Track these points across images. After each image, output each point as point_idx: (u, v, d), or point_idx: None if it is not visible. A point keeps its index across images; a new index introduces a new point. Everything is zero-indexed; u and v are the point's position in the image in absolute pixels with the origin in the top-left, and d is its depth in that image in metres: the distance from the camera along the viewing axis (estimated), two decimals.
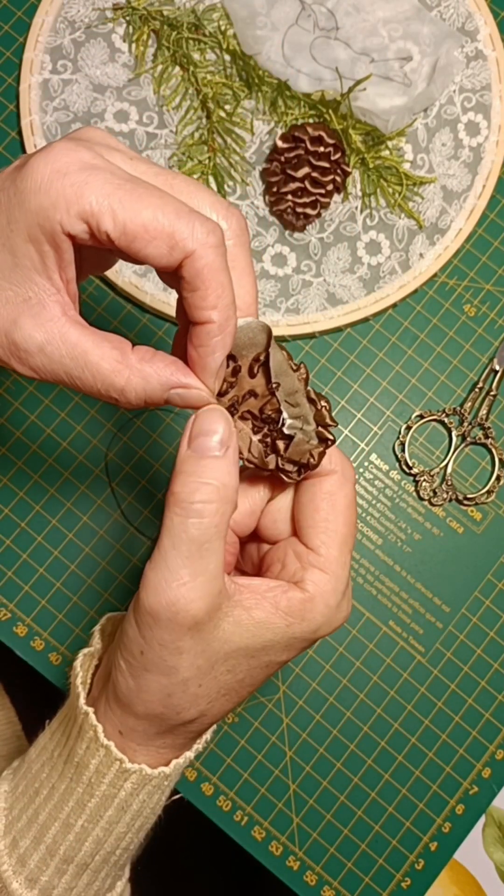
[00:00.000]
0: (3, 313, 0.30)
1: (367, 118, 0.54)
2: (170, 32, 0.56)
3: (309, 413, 0.33)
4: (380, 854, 0.51)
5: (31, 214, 0.29)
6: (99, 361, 0.30)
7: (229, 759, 0.52)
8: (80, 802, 0.34)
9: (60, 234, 0.29)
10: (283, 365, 0.32)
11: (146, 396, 0.31)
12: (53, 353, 0.30)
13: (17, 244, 0.30)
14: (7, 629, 0.52)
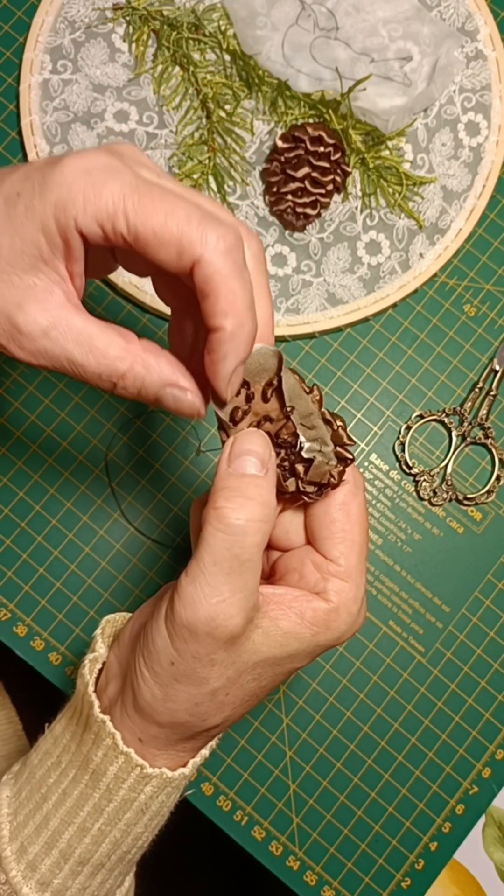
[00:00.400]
0: (7, 296, 0.31)
1: (367, 118, 0.54)
2: (170, 32, 0.56)
3: (326, 434, 0.33)
4: (380, 854, 0.51)
5: (49, 206, 0.29)
6: (105, 346, 0.31)
7: (229, 759, 0.52)
8: (97, 807, 0.34)
9: (73, 230, 0.30)
10: (296, 388, 0.32)
11: (142, 387, 0.31)
12: (58, 338, 0.31)
13: (29, 232, 0.30)
14: (7, 629, 0.52)
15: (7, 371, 0.55)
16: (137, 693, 0.33)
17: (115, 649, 0.36)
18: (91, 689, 0.35)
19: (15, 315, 0.30)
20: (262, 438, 0.32)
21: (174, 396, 0.32)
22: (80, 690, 0.35)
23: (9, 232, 0.30)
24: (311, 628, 0.32)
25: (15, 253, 0.30)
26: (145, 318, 0.56)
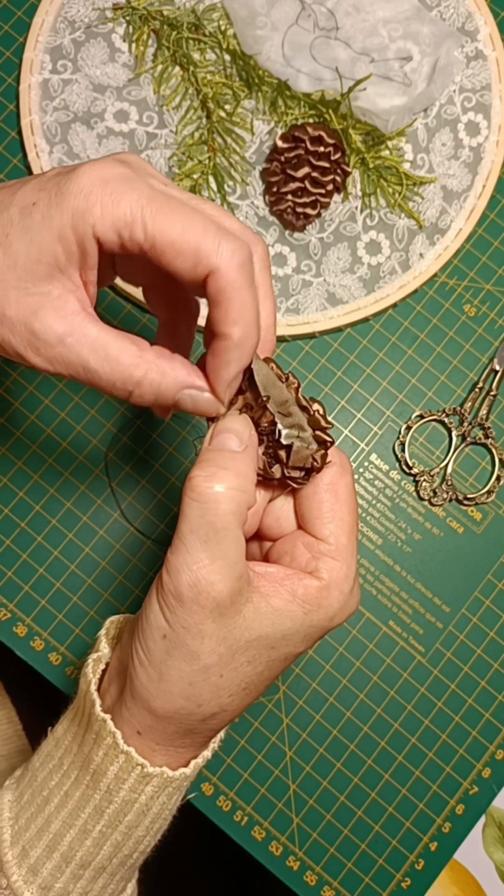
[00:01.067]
0: (24, 304, 0.31)
1: (367, 118, 0.54)
2: (170, 32, 0.56)
3: (303, 419, 0.33)
4: (380, 854, 0.51)
5: (67, 215, 0.30)
6: (119, 354, 0.31)
7: (229, 759, 0.52)
8: (97, 809, 0.34)
9: (90, 238, 0.30)
10: (269, 377, 0.33)
11: (159, 392, 0.32)
12: (74, 345, 0.31)
13: (46, 240, 0.31)
14: (7, 629, 0.52)
15: (7, 371, 0.55)
16: (133, 677, 0.33)
17: (118, 649, 0.36)
18: (93, 687, 0.35)
19: (32, 322, 0.31)
20: (243, 419, 0.33)
21: (192, 397, 0.33)
22: (82, 690, 0.35)
23: (25, 241, 0.31)
24: (303, 606, 0.32)
25: (31, 261, 0.31)
26: (145, 318, 0.56)
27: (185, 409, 0.33)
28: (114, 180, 0.30)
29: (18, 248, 0.31)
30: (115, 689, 0.35)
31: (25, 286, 0.31)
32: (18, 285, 0.31)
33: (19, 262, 0.31)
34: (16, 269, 0.31)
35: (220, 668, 0.32)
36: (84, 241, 0.30)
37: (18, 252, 0.31)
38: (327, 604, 0.33)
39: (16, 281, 0.31)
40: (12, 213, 0.31)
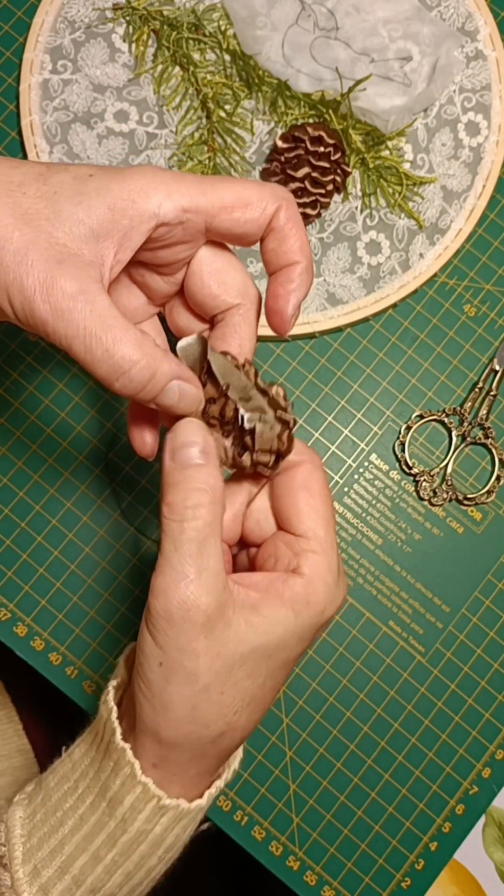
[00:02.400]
0: (52, 251, 0.31)
1: (367, 118, 0.54)
2: (170, 32, 0.56)
3: (263, 402, 0.34)
4: (380, 854, 0.51)
5: (127, 190, 0.32)
6: (124, 332, 0.31)
7: None
8: (111, 837, 0.34)
9: (148, 216, 0.32)
10: (226, 366, 0.34)
11: (153, 377, 0.32)
12: (84, 306, 0.31)
13: (97, 206, 0.31)
14: (7, 629, 0.52)
15: (7, 371, 0.55)
16: (141, 712, 0.33)
17: (130, 679, 0.36)
18: (114, 715, 0.35)
19: (54, 268, 0.31)
20: (200, 427, 0.34)
21: (180, 388, 0.33)
22: (102, 716, 0.35)
23: (74, 201, 0.31)
24: (292, 607, 0.32)
25: (74, 221, 0.31)
26: None
27: (168, 400, 0.33)
28: (168, 171, 0.33)
29: (64, 205, 0.31)
30: (129, 720, 0.35)
31: (58, 239, 0.31)
32: (51, 237, 0.31)
33: (61, 217, 0.31)
34: (55, 222, 0.31)
35: (221, 686, 0.32)
36: (140, 216, 0.32)
37: (63, 209, 0.31)
38: (315, 599, 0.33)
39: (50, 231, 0.31)
40: (64, 177, 0.32)
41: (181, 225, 0.33)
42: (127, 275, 0.37)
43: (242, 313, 0.36)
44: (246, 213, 0.34)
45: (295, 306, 0.35)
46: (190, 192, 0.33)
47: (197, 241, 0.35)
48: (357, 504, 0.54)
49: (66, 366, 0.55)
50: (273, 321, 0.35)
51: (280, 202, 0.34)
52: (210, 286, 0.36)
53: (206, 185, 0.33)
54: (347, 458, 0.55)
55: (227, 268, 0.36)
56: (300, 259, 0.34)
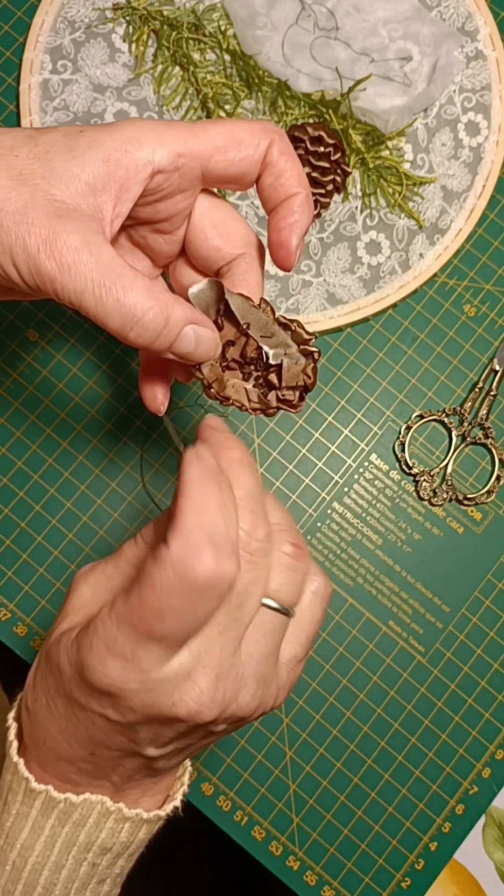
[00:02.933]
0: (51, 208, 0.30)
1: (367, 118, 0.54)
2: (170, 32, 0.56)
3: (286, 337, 0.34)
4: (380, 854, 0.51)
5: (121, 139, 0.31)
6: (133, 280, 0.31)
7: (229, 759, 0.52)
8: (0, 822, 0.34)
9: (142, 165, 0.31)
10: (244, 305, 0.34)
11: (168, 324, 0.31)
12: (89, 259, 0.30)
13: (91, 160, 0.31)
14: (7, 629, 0.52)
15: (7, 371, 0.55)
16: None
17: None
18: (11, 725, 0.35)
19: (56, 223, 0.30)
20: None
21: (196, 333, 0.33)
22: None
23: (67, 157, 0.31)
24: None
25: (70, 176, 0.31)
26: None
27: (183, 348, 0.33)
28: (157, 121, 0.33)
29: (58, 163, 0.31)
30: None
31: (56, 196, 0.31)
32: (49, 194, 0.31)
33: (56, 174, 0.31)
34: (51, 180, 0.31)
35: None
36: (136, 166, 0.31)
37: (57, 166, 0.31)
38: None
39: (47, 188, 0.31)
40: (55, 136, 0.32)
41: (177, 171, 0.33)
42: (129, 238, 0.37)
43: (248, 261, 0.36)
44: (240, 151, 0.33)
45: (299, 237, 0.34)
46: (182, 135, 0.32)
47: (194, 190, 0.35)
48: (357, 504, 0.54)
49: (67, 366, 0.55)
50: (278, 255, 0.35)
51: (271, 136, 0.34)
52: (213, 239, 0.36)
53: (197, 128, 0.33)
54: (347, 458, 0.55)
55: (227, 219, 0.36)
56: (299, 189, 0.34)
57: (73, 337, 0.55)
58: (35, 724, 0.33)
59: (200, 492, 0.28)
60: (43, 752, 0.33)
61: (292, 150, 0.34)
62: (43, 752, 0.33)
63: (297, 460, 0.55)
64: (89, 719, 0.31)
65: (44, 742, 0.33)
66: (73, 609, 0.33)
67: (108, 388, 0.55)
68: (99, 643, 0.29)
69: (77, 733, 0.31)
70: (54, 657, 0.31)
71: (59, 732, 0.32)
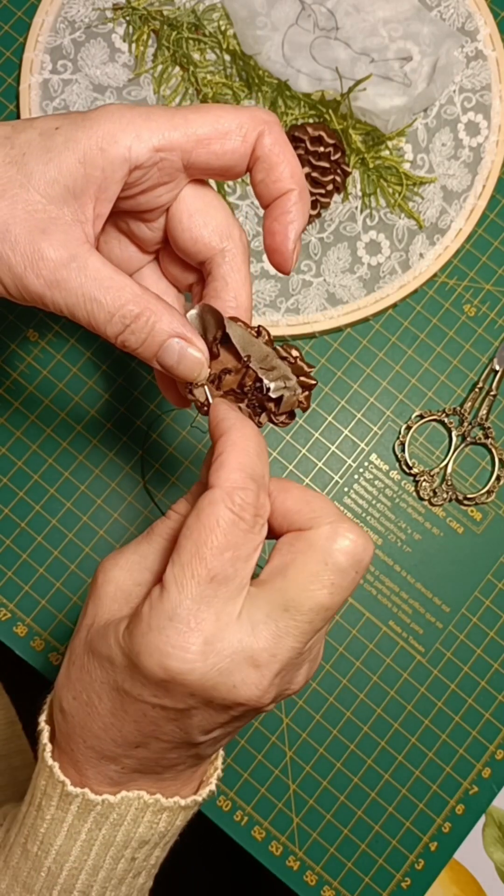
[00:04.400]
0: (33, 222, 0.30)
1: (367, 118, 0.54)
2: (170, 32, 0.56)
3: (287, 369, 0.33)
4: (380, 854, 0.51)
5: (96, 137, 0.30)
6: (122, 287, 0.30)
7: (229, 759, 0.52)
8: (34, 827, 0.33)
9: (120, 161, 0.30)
10: (245, 336, 0.33)
11: (151, 334, 0.31)
12: (78, 271, 0.30)
13: (68, 162, 0.30)
14: (7, 629, 0.52)
15: (7, 371, 0.55)
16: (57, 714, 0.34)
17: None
18: (43, 717, 0.35)
19: (39, 241, 0.30)
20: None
21: (180, 348, 0.31)
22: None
23: (44, 160, 0.30)
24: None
25: (47, 181, 0.30)
26: None
27: (167, 360, 0.32)
28: (135, 109, 0.31)
29: (35, 167, 0.30)
30: None
31: (36, 205, 0.30)
32: (29, 204, 0.30)
33: (34, 180, 0.30)
34: (28, 187, 0.30)
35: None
36: (112, 165, 0.30)
37: (34, 171, 0.30)
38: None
39: (26, 198, 0.30)
40: (31, 135, 0.31)
41: (156, 165, 0.31)
42: (114, 226, 0.36)
43: (229, 260, 0.33)
44: (224, 143, 0.31)
45: (295, 240, 0.32)
46: (161, 128, 0.31)
47: (177, 182, 0.33)
48: (357, 504, 0.54)
49: (67, 365, 0.55)
50: (273, 260, 0.33)
51: (261, 126, 0.31)
52: (190, 229, 0.33)
53: (178, 118, 0.31)
54: (347, 458, 0.55)
55: (207, 208, 0.34)
56: (292, 186, 0.32)
57: (73, 337, 0.55)
58: (72, 724, 0.32)
59: (241, 434, 0.30)
60: (82, 752, 0.32)
61: (285, 140, 0.32)
62: (82, 753, 0.32)
63: (297, 460, 0.55)
64: (140, 711, 0.30)
65: (84, 741, 0.32)
66: (109, 596, 0.32)
67: (108, 388, 0.55)
68: (158, 620, 0.28)
69: (124, 728, 0.31)
70: (101, 649, 0.30)
71: (102, 730, 0.31)
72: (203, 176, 0.33)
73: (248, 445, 0.30)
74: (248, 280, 0.34)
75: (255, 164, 0.32)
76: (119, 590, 0.32)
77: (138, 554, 0.32)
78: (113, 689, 0.30)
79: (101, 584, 0.32)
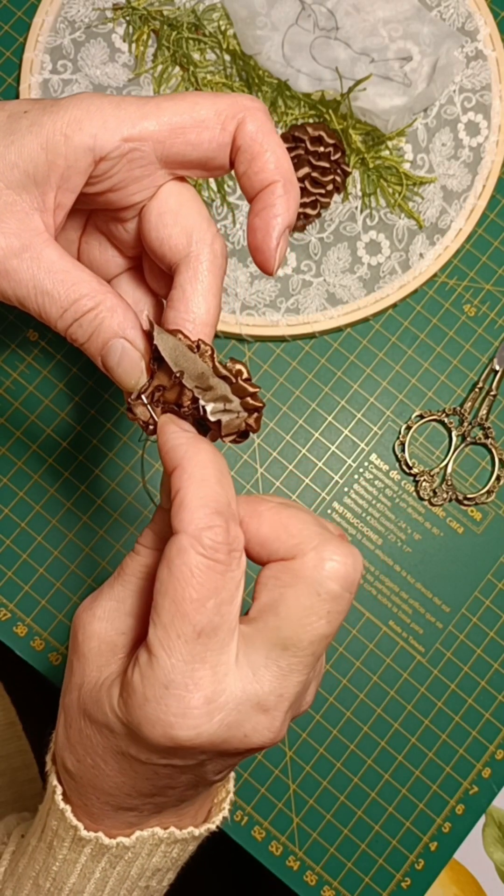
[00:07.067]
0: None
1: (367, 118, 0.54)
2: (170, 32, 0.56)
3: (227, 390, 0.30)
4: (380, 854, 0.51)
5: (61, 123, 0.28)
6: (77, 282, 0.29)
7: None
8: (45, 865, 0.33)
9: (84, 150, 0.28)
10: (178, 348, 0.30)
11: (98, 330, 0.29)
12: (30, 262, 0.29)
13: (30, 146, 0.28)
14: (7, 629, 0.52)
15: (7, 371, 0.55)
16: (57, 751, 0.34)
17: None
18: (50, 755, 0.35)
19: None
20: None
21: (123, 348, 0.30)
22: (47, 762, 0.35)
23: (5, 142, 0.28)
24: None
25: (6, 164, 0.28)
26: None
27: (109, 361, 0.30)
28: (107, 98, 0.29)
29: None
30: None
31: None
32: None
33: None
34: None
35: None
36: (75, 153, 0.28)
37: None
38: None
39: None
40: (0, 117, 0.29)
41: (125, 157, 0.29)
42: (94, 226, 0.34)
43: (193, 266, 0.30)
44: (201, 132, 0.28)
45: (279, 236, 0.29)
46: (131, 117, 0.28)
47: (153, 178, 0.30)
48: (357, 504, 0.54)
49: (67, 365, 0.55)
50: (256, 259, 0.30)
51: (242, 112, 0.28)
52: (157, 229, 0.31)
53: (150, 106, 0.28)
54: (347, 458, 0.55)
55: (179, 208, 0.31)
56: (276, 177, 0.29)
57: None
58: (82, 783, 0.31)
59: (195, 463, 0.27)
60: (97, 806, 0.31)
61: (270, 128, 0.29)
62: (97, 807, 0.31)
63: (297, 460, 0.55)
64: (151, 771, 0.29)
65: (97, 798, 0.31)
66: (94, 652, 0.30)
67: (107, 389, 0.55)
68: (153, 690, 0.26)
69: (137, 785, 0.30)
70: (97, 716, 0.29)
71: (114, 788, 0.30)
72: (182, 170, 0.30)
73: (206, 474, 0.27)
74: (213, 290, 0.31)
75: (236, 155, 0.29)
76: (102, 643, 0.30)
77: (114, 600, 0.31)
78: (118, 754, 0.29)
79: (83, 641, 0.30)
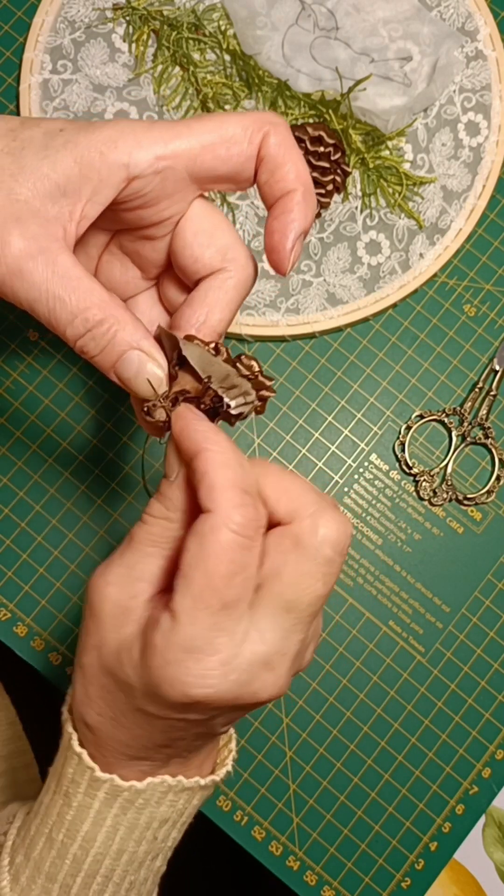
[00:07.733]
0: (12, 208, 0.30)
1: (367, 118, 0.54)
2: (170, 32, 0.56)
3: (247, 384, 0.32)
4: (380, 854, 0.51)
5: (96, 141, 0.30)
6: (88, 291, 0.30)
7: None
8: (60, 815, 0.34)
9: (118, 167, 0.30)
10: (204, 356, 0.32)
11: (110, 343, 0.31)
12: (45, 266, 0.29)
13: (63, 160, 0.30)
14: (7, 629, 0.52)
15: (7, 371, 0.55)
16: (74, 691, 0.35)
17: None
18: (66, 709, 0.35)
19: (11, 226, 0.29)
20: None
21: (139, 359, 0.31)
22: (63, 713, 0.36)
23: (40, 155, 0.30)
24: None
25: (39, 174, 0.30)
26: None
27: (124, 373, 0.31)
28: (140, 121, 0.31)
29: (30, 160, 0.30)
30: None
31: (19, 195, 0.30)
32: (12, 192, 0.30)
33: (25, 171, 0.30)
34: (18, 177, 0.30)
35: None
36: (109, 169, 0.30)
37: (27, 163, 0.30)
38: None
39: (11, 186, 0.30)
40: (35, 132, 0.31)
41: (158, 175, 0.31)
42: (119, 246, 0.36)
43: (222, 279, 0.33)
44: (231, 147, 0.31)
45: (294, 239, 0.32)
46: (164, 137, 0.30)
47: (183, 194, 0.32)
48: (357, 504, 0.54)
49: (67, 365, 0.55)
50: (271, 259, 0.32)
51: (266, 127, 0.31)
52: (192, 247, 0.33)
53: (181, 126, 0.31)
54: (347, 458, 0.55)
55: (213, 229, 0.33)
56: (296, 186, 0.32)
57: None
58: (101, 735, 0.33)
59: (220, 448, 0.29)
60: (114, 756, 0.33)
61: (292, 142, 0.32)
62: (114, 757, 0.33)
63: (297, 460, 0.55)
64: (167, 725, 0.31)
65: (114, 748, 0.33)
66: (109, 615, 0.32)
67: (107, 389, 0.55)
68: (175, 653, 0.28)
69: (153, 737, 0.32)
70: (119, 675, 0.31)
71: (132, 739, 0.32)
72: (212, 185, 0.33)
73: (230, 458, 0.29)
74: (232, 305, 0.33)
75: (260, 165, 0.32)
76: (117, 606, 0.32)
77: (125, 566, 0.32)
78: (137, 710, 0.31)
79: (98, 604, 0.32)
